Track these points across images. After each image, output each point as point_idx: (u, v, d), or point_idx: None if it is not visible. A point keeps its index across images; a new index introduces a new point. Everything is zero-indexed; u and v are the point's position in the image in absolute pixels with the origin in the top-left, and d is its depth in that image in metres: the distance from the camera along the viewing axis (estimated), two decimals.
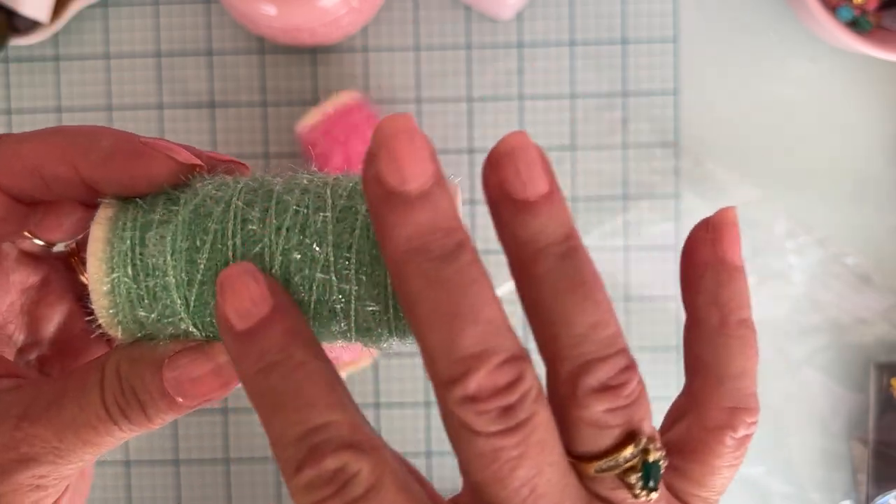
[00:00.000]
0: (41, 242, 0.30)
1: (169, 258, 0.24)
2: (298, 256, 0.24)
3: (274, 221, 0.24)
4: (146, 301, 0.25)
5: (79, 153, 0.25)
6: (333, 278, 0.24)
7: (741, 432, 0.25)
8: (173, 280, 0.24)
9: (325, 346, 0.27)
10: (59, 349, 0.31)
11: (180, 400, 0.25)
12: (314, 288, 0.24)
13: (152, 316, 0.25)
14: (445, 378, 0.21)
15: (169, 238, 0.24)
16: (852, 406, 0.64)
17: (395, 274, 0.22)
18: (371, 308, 0.24)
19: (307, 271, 0.24)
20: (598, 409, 0.22)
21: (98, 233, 0.25)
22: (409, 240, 0.21)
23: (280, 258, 0.24)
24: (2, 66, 0.63)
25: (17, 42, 0.58)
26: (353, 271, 0.24)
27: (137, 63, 0.63)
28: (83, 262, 0.31)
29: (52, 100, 0.63)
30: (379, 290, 0.24)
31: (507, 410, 0.21)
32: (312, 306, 0.24)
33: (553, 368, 0.22)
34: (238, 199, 0.25)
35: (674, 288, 0.64)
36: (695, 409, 0.26)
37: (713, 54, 0.64)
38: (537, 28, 0.63)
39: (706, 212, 0.26)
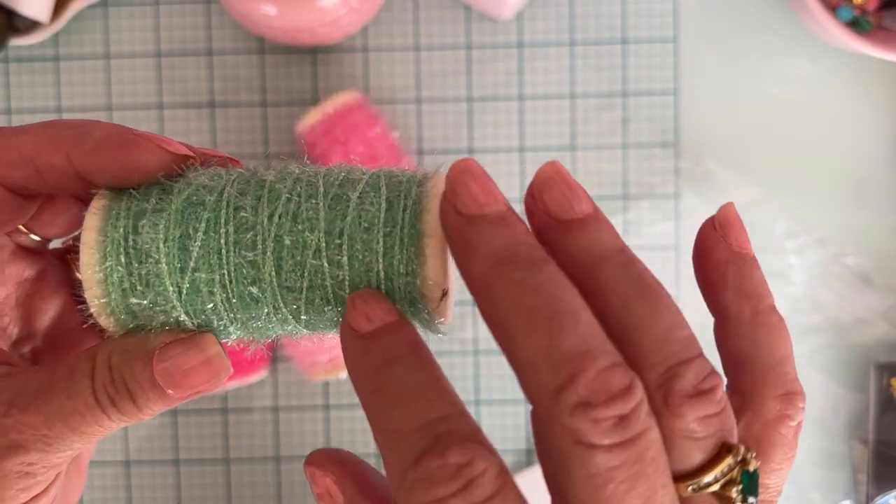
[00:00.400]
0: (37, 237, 0.30)
1: (161, 245, 0.24)
2: (290, 242, 0.24)
3: (266, 209, 0.24)
4: (139, 289, 0.25)
5: (72, 144, 0.26)
6: (325, 264, 0.24)
7: (796, 419, 0.24)
8: (166, 267, 0.24)
9: (320, 336, 0.27)
10: (52, 343, 0.31)
11: (170, 392, 0.25)
12: (306, 274, 0.24)
13: (144, 303, 0.25)
14: (554, 385, 0.20)
15: (162, 226, 0.25)
16: (852, 406, 0.64)
17: (483, 291, 0.21)
18: None
19: (299, 257, 0.24)
20: (692, 417, 0.21)
21: (91, 222, 0.25)
22: (496, 252, 0.21)
23: (272, 244, 0.24)
24: (2, 66, 0.63)
25: (17, 42, 0.59)
26: (344, 257, 0.24)
27: (137, 63, 0.63)
28: (79, 258, 0.31)
29: (52, 100, 0.63)
30: (371, 277, 0.24)
31: (623, 420, 0.19)
32: (305, 293, 0.24)
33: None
34: (231, 188, 0.25)
35: (674, 288, 0.63)
36: (749, 406, 0.24)
37: (713, 54, 0.64)
38: (537, 28, 0.63)
39: (706, 212, 0.25)
